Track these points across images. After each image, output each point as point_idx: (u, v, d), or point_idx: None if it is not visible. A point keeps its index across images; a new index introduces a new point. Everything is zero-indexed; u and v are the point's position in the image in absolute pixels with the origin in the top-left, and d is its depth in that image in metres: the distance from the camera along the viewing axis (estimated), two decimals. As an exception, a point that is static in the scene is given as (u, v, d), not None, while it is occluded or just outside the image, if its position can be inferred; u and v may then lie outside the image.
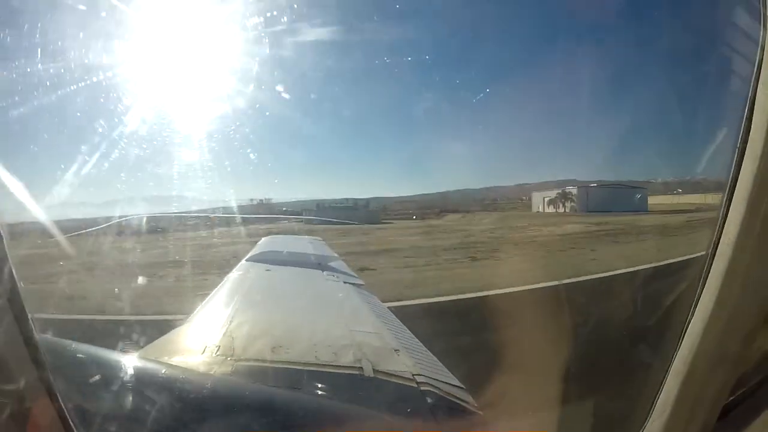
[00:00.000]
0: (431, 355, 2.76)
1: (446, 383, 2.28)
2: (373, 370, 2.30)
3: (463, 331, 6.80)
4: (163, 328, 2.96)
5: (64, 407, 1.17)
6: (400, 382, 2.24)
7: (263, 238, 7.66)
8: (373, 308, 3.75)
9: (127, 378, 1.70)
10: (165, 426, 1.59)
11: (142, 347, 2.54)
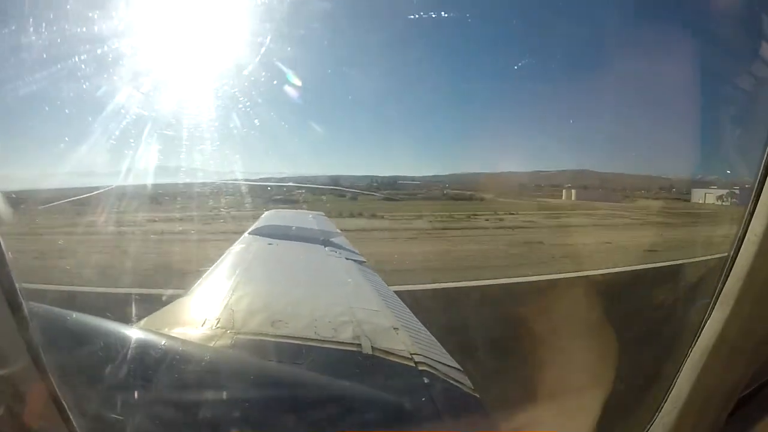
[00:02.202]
0: (430, 335, 2.76)
1: (444, 364, 2.28)
2: (372, 347, 2.31)
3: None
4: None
5: (54, 382, 1.16)
6: (398, 360, 2.24)
7: (266, 212, 7.64)
8: (374, 286, 3.75)
9: (125, 349, 1.70)
10: (162, 396, 1.60)
11: (143, 318, 2.56)
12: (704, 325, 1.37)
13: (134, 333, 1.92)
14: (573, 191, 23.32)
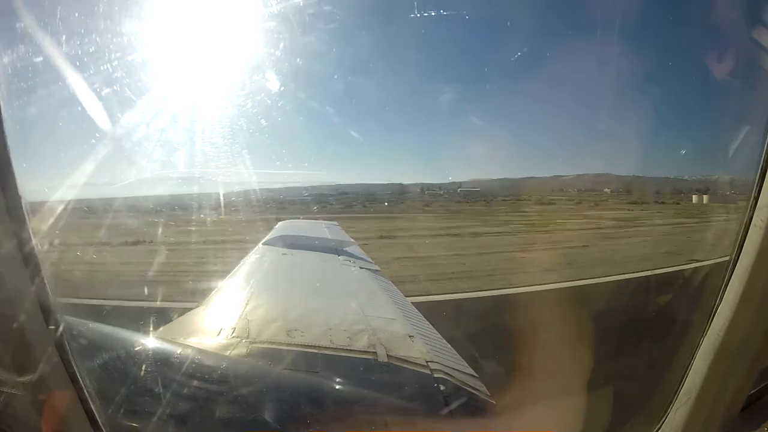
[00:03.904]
0: (445, 342, 2.74)
1: (459, 371, 2.26)
2: (387, 355, 2.30)
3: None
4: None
5: (84, 388, 1.20)
6: (414, 368, 2.23)
7: (280, 222, 7.69)
8: (388, 294, 3.75)
9: (143, 358, 1.73)
10: (181, 405, 1.62)
11: (159, 328, 2.59)
12: (711, 320, 1.35)
13: (151, 343, 1.95)
14: (704, 196, 23.18)
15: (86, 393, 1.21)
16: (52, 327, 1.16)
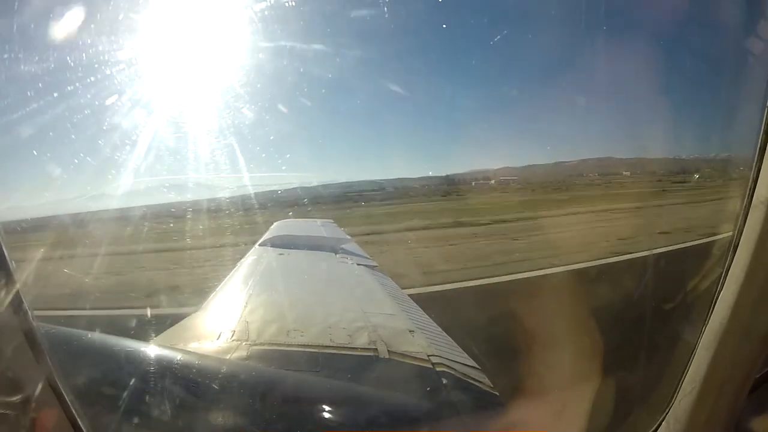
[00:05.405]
0: (446, 335, 2.74)
1: (462, 364, 2.26)
2: (388, 351, 2.29)
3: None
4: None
5: (69, 402, 1.16)
6: (416, 363, 2.22)
7: (275, 223, 7.65)
8: (387, 290, 3.74)
9: (141, 367, 1.70)
10: (180, 411, 1.60)
11: (157, 335, 2.57)
12: (715, 303, 1.34)
13: (149, 350, 1.92)
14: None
15: (73, 411, 1.16)
16: (32, 341, 1.12)
